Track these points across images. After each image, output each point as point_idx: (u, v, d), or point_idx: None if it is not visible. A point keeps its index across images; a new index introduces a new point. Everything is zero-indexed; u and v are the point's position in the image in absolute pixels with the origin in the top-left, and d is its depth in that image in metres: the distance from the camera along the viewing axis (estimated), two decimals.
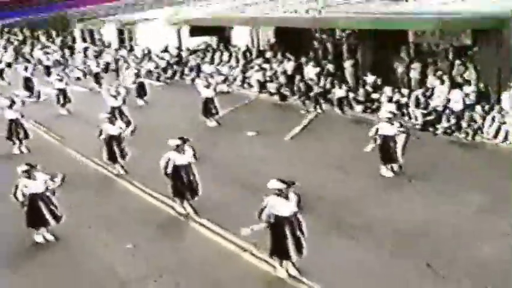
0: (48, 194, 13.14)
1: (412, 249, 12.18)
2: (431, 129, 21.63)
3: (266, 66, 30.64)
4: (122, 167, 17.83)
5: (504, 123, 19.98)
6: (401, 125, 17.29)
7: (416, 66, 24.97)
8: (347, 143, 20.08)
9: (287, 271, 11.24)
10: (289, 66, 29.47)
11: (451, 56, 24.47)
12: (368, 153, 16.63)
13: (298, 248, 11.03)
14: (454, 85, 22.48)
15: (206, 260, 12.02)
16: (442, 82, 22.65)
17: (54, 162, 17.66)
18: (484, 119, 20.71)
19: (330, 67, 28.08)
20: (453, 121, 21.26)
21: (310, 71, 28.03)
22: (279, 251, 11.15)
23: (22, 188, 12.88)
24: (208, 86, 23.69)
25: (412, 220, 13.60)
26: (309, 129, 22.80)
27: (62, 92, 27.10)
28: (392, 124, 16.79)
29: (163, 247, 12.78)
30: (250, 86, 30.41)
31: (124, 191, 16.51)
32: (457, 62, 23.71)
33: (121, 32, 45.69)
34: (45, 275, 11.96)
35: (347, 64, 27.66)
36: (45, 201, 13.09)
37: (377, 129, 16.73)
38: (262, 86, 29.45)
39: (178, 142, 14.11)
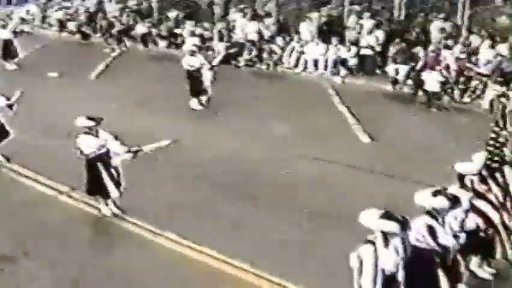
0: None
1: (223, 177, 12.67)
2: (233, 61, 22.27)
3: (67, 4, 29.80)
4: None
5: (303, 53, 21.05)
6: (210, 65, 17.63)
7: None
8: (152, 78, 20.25)
9: (111, 210, 11.32)
10: (90, 3, 28.83)
11: None
12: (175, 88, 16.93)
13: (116, 185, 11.11)
14: (256, 18, 23.20)
15: (26, 204, 11.67)
16: (244, 15, 23.30)
17: None
18: (283, 49, 21.67)
19: (133, 3, 27.89)
20: (254, 53, 22.04)
21: (112, 7, 27.63)
22: (96, 190, 11.19)
23: None
24: (4, 27, 22.73)
25: (222, 151, 14.11)
26: (114, 67, 22.71)
27: None
28: (196, 57, 17.15)
29: None
30: (51, 25, 29.46)
31: None
32: None
33: None
34: None
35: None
36: None
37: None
38: (63, 25, 28.66)
39: None
